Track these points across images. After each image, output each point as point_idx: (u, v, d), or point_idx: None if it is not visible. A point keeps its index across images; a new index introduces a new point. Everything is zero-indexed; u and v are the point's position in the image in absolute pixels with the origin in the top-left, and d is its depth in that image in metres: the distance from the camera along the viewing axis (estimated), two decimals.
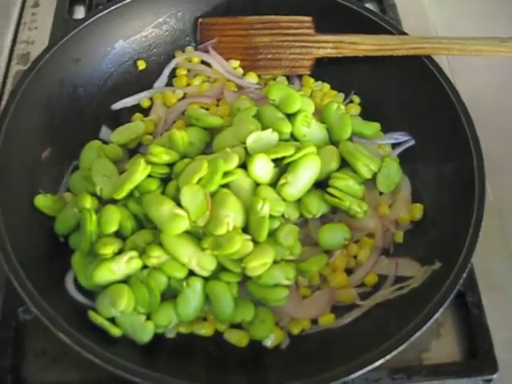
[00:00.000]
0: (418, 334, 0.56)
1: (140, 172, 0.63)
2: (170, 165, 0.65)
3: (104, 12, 0.74)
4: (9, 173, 0.63)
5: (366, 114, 0.76)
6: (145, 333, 0.59)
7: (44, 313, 0.56)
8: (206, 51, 0.79)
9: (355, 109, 0.77)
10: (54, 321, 0.55)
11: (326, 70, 0.78)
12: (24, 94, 0.67)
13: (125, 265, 0.59)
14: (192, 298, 0.60)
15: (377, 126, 0.73)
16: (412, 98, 0.74)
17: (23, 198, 0.65)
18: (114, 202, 0.64)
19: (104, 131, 0.74)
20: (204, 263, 0.60)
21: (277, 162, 0.66)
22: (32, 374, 0.62)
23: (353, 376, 0.54)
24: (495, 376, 0.62)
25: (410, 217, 0.68)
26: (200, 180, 0.62)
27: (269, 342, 0.61)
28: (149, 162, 0.64)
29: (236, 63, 0.79)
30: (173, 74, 0.80)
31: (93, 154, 0.69)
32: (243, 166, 0.65)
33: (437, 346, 0.65)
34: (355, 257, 0.67)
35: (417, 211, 0.68)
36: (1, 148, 0.63)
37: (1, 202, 0.61)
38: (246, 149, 0.66)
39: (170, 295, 0.62)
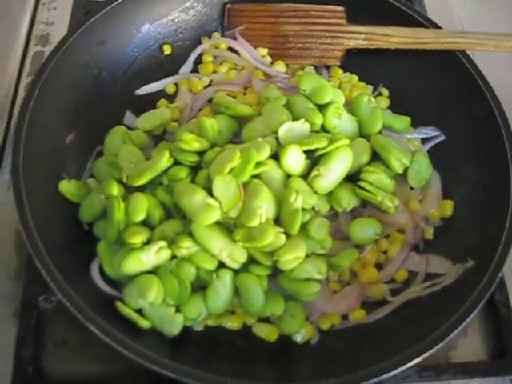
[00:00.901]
0: (452, 335, 0.55)
1: (163, 163, 0.62)
2: (199, 153, 0.64)
3: None
4: (33, 156, 0.61)
5: (395, 108, 0.74)
6: (174, 325, 0.58)
7: (71, 301, 0.54)
8: (234, 38, 0.77)
9: (384, 101, 0.75)
10: (82, 310, 0.54)
11: (354, 60, 0.77)
12: (49, 75, 0.65)
13: (154, 255, 0.58)
14: (221, 290, 0.59)
15: (407, 119, 0.72)
16: (443, 93, 0.72)
17: (47, 182, 0.63)
18: (140, 189, 0.63)
19: (128, 116, 0.72)
20: (235, 255, 0.59)
21: (308, 153, 0.64)
22: (52, 365, 0.61)
23: (385, 376, 0.53)
24: None
25: (440, 213, 0.67)
26: (232, 170, 0.60)
27: (299, 337, 0.60)
28: (179, 149, 0.62)
29: (264, 51, 0.77)
30: (199, 60, 0.78)
31: (118, 140, 0.67)
32: (273, 156, 0.64)
33: (464, 344, 0.64)
34: (385, 252, 0.66)
35: (447, 208, 0.67)
36: (26, 130, 0.61)
37: (26, 187, 0.59)
38: (277, 139, 0.64)
39: (197, 287, 0.60)
